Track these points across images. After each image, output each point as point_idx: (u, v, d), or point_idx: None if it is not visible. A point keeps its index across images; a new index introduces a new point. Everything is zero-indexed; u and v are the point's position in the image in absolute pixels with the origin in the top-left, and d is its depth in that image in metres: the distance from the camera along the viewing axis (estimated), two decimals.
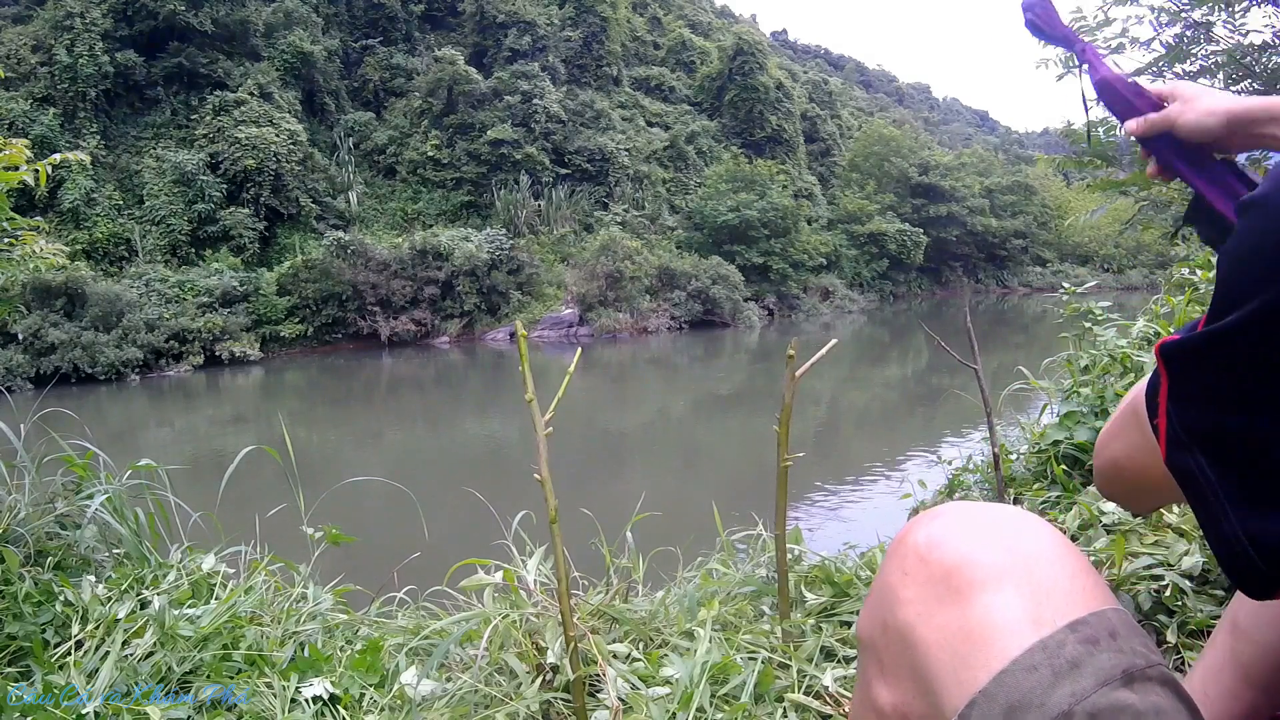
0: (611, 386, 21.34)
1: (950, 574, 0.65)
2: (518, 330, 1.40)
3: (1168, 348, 0.64)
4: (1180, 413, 0.64)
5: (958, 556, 0.66)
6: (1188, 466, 0.64)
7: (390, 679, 1.67)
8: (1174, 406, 0.65)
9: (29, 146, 2.26)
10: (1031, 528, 0.68)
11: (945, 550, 0.67)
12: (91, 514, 2.06)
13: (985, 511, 0.72)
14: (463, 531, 3.07)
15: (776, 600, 1.77)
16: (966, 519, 0.70)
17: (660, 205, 39.09)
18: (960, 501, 0.79)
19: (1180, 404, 0.64)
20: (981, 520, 0.70)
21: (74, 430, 2.43)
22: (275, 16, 34.86)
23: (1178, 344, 0.63)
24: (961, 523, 0.70)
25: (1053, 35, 1.14)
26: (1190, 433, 0.63)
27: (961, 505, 0.74)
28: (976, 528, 0.69)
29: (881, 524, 2.82)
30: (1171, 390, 0.65)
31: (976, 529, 0.69)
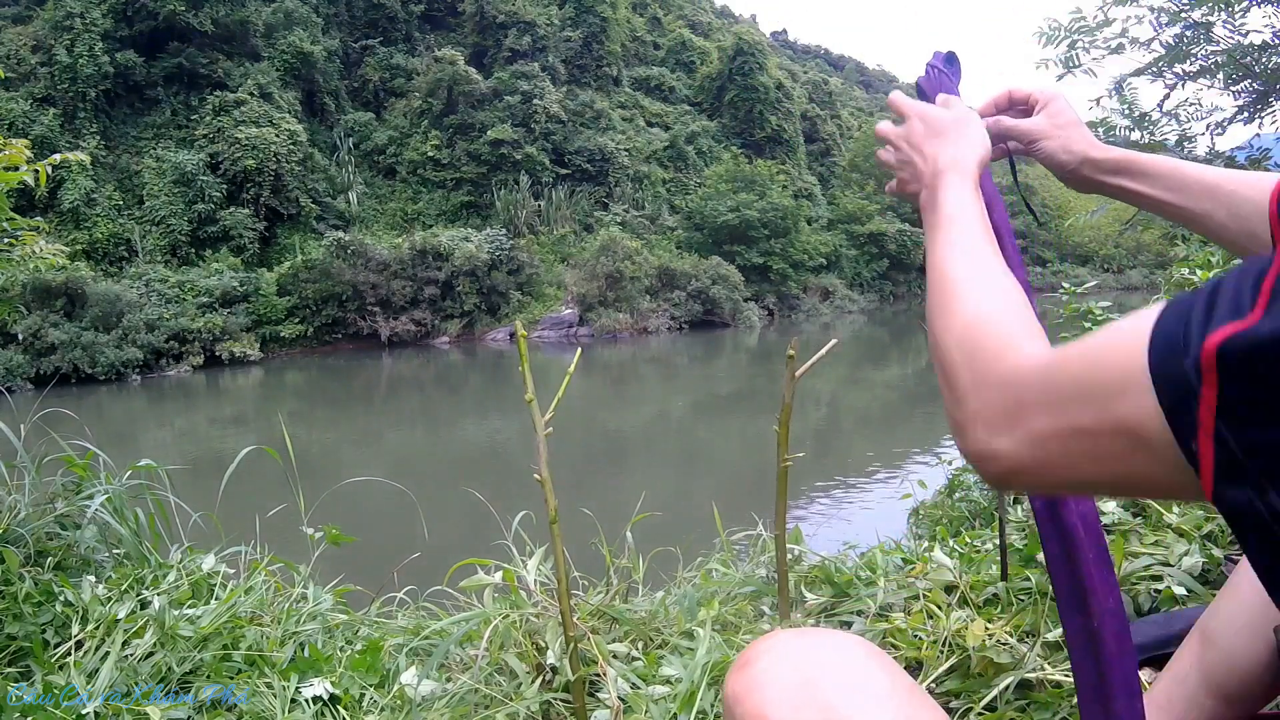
0: (611, 387, 21.34)
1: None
2: (518, 330, 1.40)
3: (1233, 346, 0.47)
4: (1240, 432, 0.48)
5: (754, 717, 0.64)
6: (1250, 505, 0.49)
7: (390, 679, 1.67)
8: (1228, 424, 0.48)
9: (29, 147, 2.26)
10: (851, 672, 0.65)
11: (745, 709, 0.65)
12: (91, 514, 2.06)
13: (801, 653, 0.67)
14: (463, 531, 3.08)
15: (776, 600, 1.77)
16: (775, 669, 0.66)
17: (660, 205, 39.09)
18: (784, 635, 0.72)
19: (1239, 420, 0.48)
20: (792, 668, 0.66)
21: (74, 430, 2.43)
22: (275, 16, 34.86)
23: (1246, 339, 0.47)
24: (769, 674, 0.66)
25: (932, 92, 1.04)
26: (1258, 457, 0.47)
27: (778, 646, 0.69)
28: (782, 680, 0.65)
29: (881, 524, 2.82)
30: (1224, 403, 0.48)
31: (781, 682, 0.65)
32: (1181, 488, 0.52)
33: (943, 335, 0.72)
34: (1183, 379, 0.49)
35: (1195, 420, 0.49)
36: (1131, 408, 0.52)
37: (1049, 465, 0.59)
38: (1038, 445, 0.59)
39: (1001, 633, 1.50)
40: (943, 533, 2.26)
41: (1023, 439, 0.60)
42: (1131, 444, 0.53)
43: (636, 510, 2.25)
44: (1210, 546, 1.71)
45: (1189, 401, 0.49)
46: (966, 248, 0.79)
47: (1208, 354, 0.48)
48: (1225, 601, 1.05)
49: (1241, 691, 1.00)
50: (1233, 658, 1.00)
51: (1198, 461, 0.49)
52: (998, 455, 0.61)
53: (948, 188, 0.85)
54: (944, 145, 0.89)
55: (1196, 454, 0.49)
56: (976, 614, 1.61)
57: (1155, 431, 0.51)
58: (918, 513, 3.42)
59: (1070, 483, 0.62)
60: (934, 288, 0.77)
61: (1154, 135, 4.41)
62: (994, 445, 0.61)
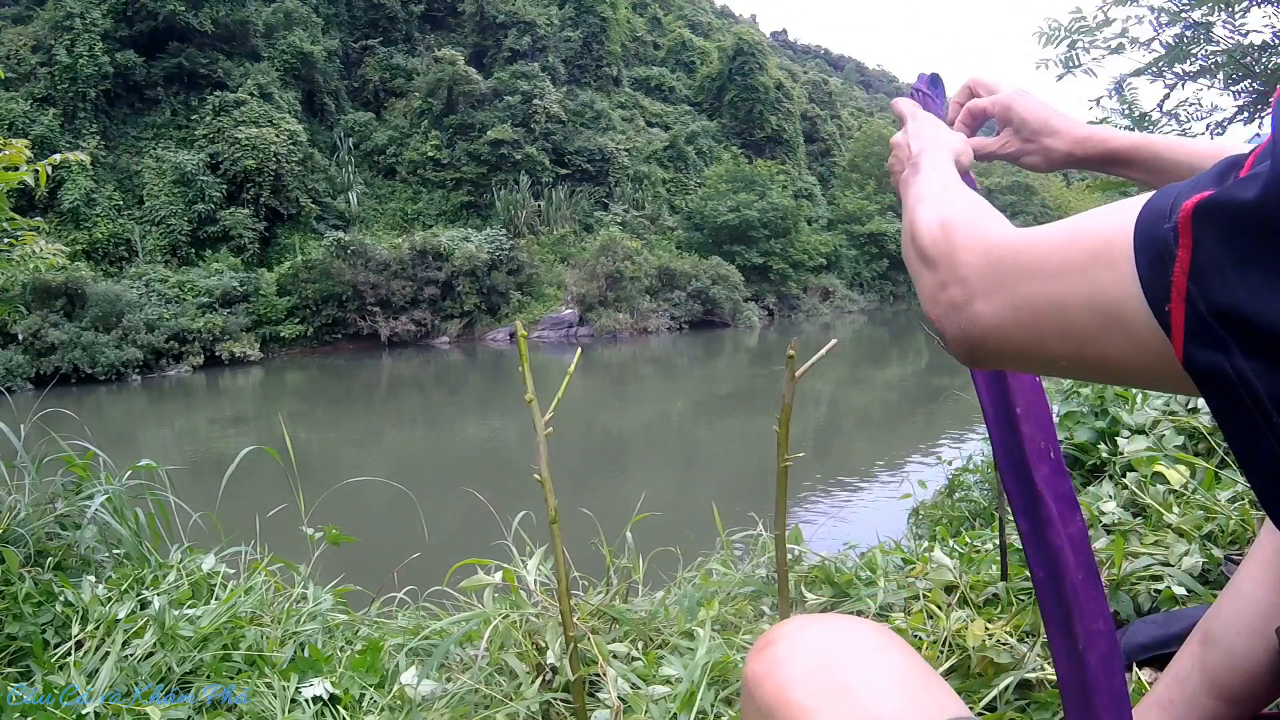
0: (611, 387, 21.34)
1: (771, 714, 0.64)
2: (518, 330, 1.40)
3: (1206, 207, 0.48)
4: (1208, 293, 0.48)
5: (775, 697, 0.64)
6: (1216, 367, 0.49)
7: (390, 679, 1.67)
8: (1198, 285, 0.48)
9: (29, 147, 2.27)
10: (867, 655, 0.65)
11: (765, 689, 0.65)
12: (91, 514, 2.06)
13: (819, 638, 0.68)
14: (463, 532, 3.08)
15: (776, 600, 1.77)
16: (795, 651, 0.67)
17: (660, 205, 39.09)
18: (802, 620, 0.72)
19: (1208, 281, 0.48)
20: (810, 650, 0.66)
21: (74, 431, 2.43)
22: (275, 17, 34.86)
23: (1221, 198, 0.47)
24: (789, 656, 0.66)
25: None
26: (1225, 320, 0.48)
27: (797, 630, 0.70)
28: (801, 663, 0.65)
29: (881, 524, 2.82)
30: (1196, 262, 0.48)
31: (801, 664, 0.65)
32: (1154, 366, 0.53)
33: (927, 227, 0.73)
34: (1162, 242, 0.50)
35: (1169, 282, 0.49)
36: (1111, 277, 0.53)
37: (1021, 333, 0.60)
38: (1014, 309, 0.60)
39: (1001, 633, 1.50)
40: (943, 533, 2.26)
41: (1002, 302, 0.61)
42: (1107, 320, 0.53)
43: (636, 510, 2.25)
44: (1210, 546, 1.71)
45: (1165, 264, 0.50)
46: (947, 181, 0.82)
47: (1185, 213, 0.49)
48: (1227, 602, 1.05)
49: (1243, 692, 1.00)
50: (1234, 658, 1.00)
51: (1169, 324, 0.50)
52: (976, 317, 0.63)
53: (930, 154, 0.89)
54: (928, 136, 0.94)
55: (1169, 316, 0.50)
56: (976, 614, 1.61)
57: (1131, 303, 0.52)
58: (918, 513, 3.41)
59: (1040, 356, 0.61)
60: (913, 209, 0.78)
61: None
62: (974, 306, 0.63)
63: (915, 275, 0.74)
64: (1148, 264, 0.51)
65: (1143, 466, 2.08)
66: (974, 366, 0.70)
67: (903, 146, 0.97)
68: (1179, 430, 2.26)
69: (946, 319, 0.66)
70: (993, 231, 0.65)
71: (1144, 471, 2.07)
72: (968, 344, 0.65)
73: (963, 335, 0.65)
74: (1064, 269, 0.56)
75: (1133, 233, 0.52)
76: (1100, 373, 0.59)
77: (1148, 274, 0.51)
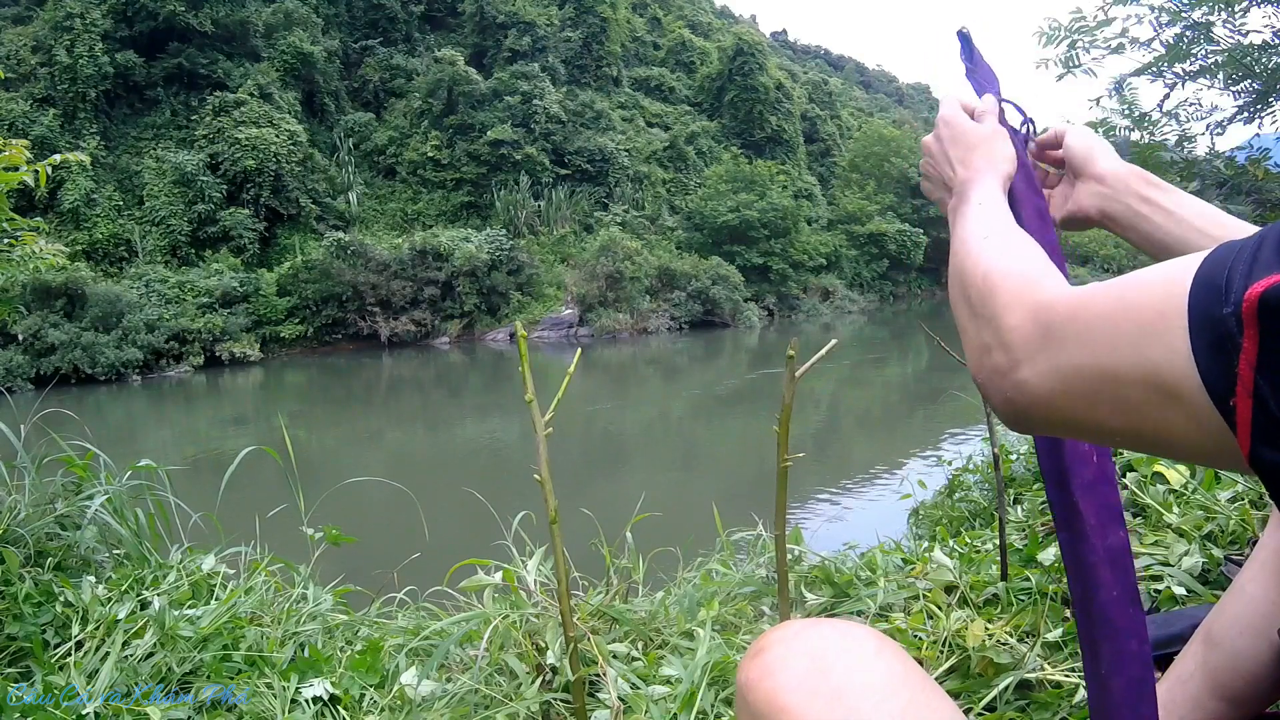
0: (611, 387, 21.34)
1: (764, 719, 0.64)
2: (518, 331, 1.40)
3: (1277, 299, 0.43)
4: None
5: (768, 703, 0.64)
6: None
7: (390, 679, 1.67)
8: (1270, 382, 0.44)
9: (29, 147, 2.26)
10: (861, 660, 0.64)
11: (758, 694, 0.65)
12: (91, 514, 2.06)
13: (813, 643, 0.67)
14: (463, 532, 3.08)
15: (776, 601, 1.77)
16: (788, 656, 0.66)
17: (660, 206, 39.09)
18: (795, 625, 0.71)
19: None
20: (804, 655, 0.66)
21: (74, 431, 2.43)
22: (275, 17, 34.87)
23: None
24: (782, 661, 0.66)
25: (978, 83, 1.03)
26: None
27: (791, 635, 0.69)
28: (795, 668, 0.65)
29: (881, 524, 2.82)
30: (1265, 357, 0.44)
31: (794, 669, 0.65)
32: (1214, 448, 0.48)
33: (970, 279, 0.70)
34: (1222, 327, 0.45)
35: (1234, 374, 0.45)
36: (1165, 354, 0.48)
37: (1070, 403, 0.56)
38: (1062, 379, 0.56)
39: (1001, 633, 1.50)
40: (943, 533, 2.26)
41: (1048, 370, 0.57)
42: (1161, 396, 0.49)
43: (636, 510, 2.25)
44: (1210, 546, 1.71)
45: (1228, 353, 0.45)
46: (994, 224, 0.79)
47: (1249, 303, 0.44)
48: (1230, 603, 1.05)
49: (1246, 693, 1.00)
50: (1237, 659, 1.00)
51: (1234, 419, 0.45)
52: (1021, 384, 0.60)
53: (978, 187, 0.87)
54: (974, 158, 0.91)
55: (1233, 411, 0.45)
56: (976, 614, 1.61)
57: (1189, 383, 0.47)
58: (918, 513, 3.41)
59: (1090, 427, 0.57)
60: (959, 255, 0.77)
61: (1154, 135, 4.41)
62: (1020, 373, 0.60)
63: (961, 326, 0.71)
64: (1206, 346, 0.46)
65: (1143, 466, 2.08)
66: (1021, 431, 0.66)
67: (940, 159, 0.95)
68: None
69: (991, 384, 0.63)
70: (1042, 290, 0.62)
71: (1144, 471, 2.07)
72: (1013, 411, 0.62)
73: (1008, 403, 0.62)
74: (1115, 340, 0.52)
75: (1187, 308, 0.48)
76: (1161, 449, 0.55)
77: (1206, 359, 0.46)
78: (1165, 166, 4.22)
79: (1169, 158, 4.24)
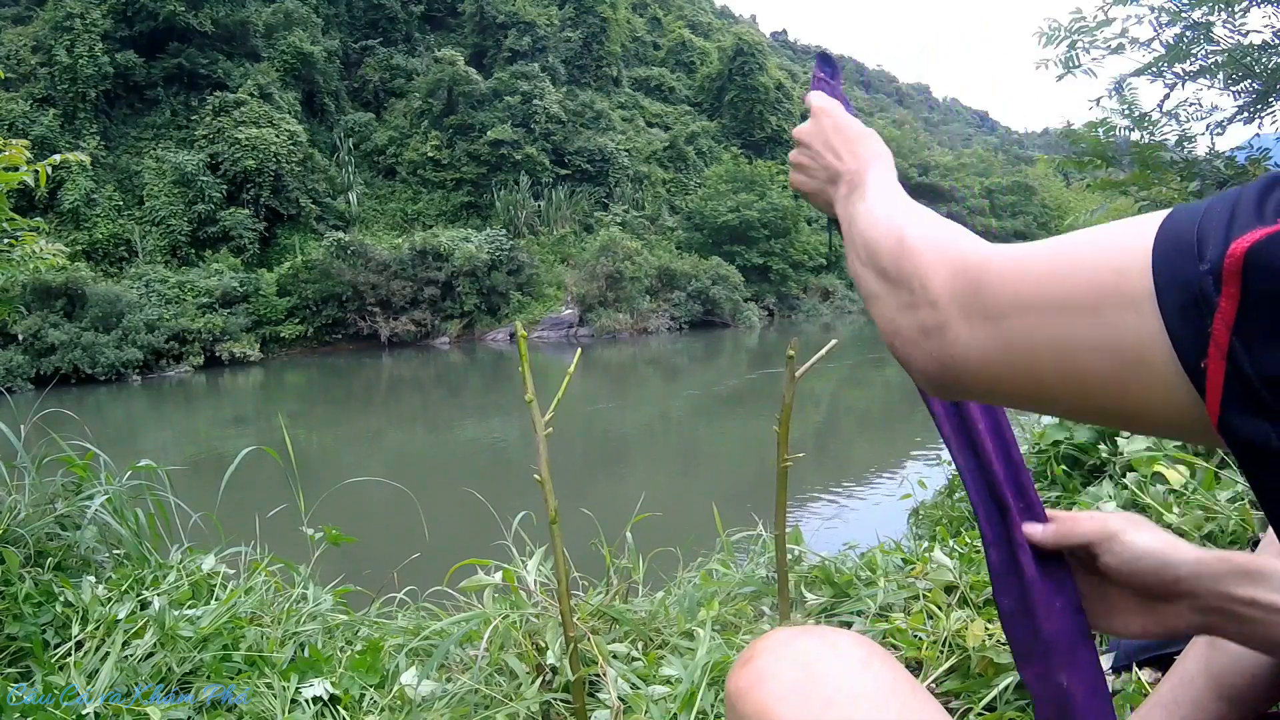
0: (611, 387, 21.34)
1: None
2: (518, 331, 1.40)
3: (1269, 251, 0.40)
4: (1260, 353, 0.41)
5: (758, 712, 0.64)
6: (1262, 438, 0.42)
7: (390, 679, 1.67)
8: (1245, 343, 0.41)
9: (29, 147, 2.27)
10: (851, 669, 0.64)
11: (747, 704, 0.65)
12: (91, 515, 2.06)
13: (802, 652, 0.67)
14: (463, 532, 3.08)
15: (776, 600, 1.77)
16: (778, 665, 0.66)
17: (660, 206, 39.10)
18: (785, 633, 0.70)
19: (1261, 339, 0.41)
20: (793, 664, 0.65)
21: (74, 431, 2.43)
22: (275, 17, 34.88)
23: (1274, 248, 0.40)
24: (772, 670, 0.66)
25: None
26: (1276, 387, 0.41)
27: (780, 643, 0.69)
28: (784, 677, 0.64)
29: (881, 524, 2.81)
30: (1244, 316, 0.41)
31: (784, 679, 0.64)
32: (1177, 417, 0.45)
33: (881, 245, 0.64)
34: (1195, 286, 0.42)
35: (1206, 335, 0.42)
36: (1126, 317, 0.45)
37: (1009, 370, 0.51)
38: (1002, 343, 0.51)
39: (1001, 633, 1.50)
40: (943, 533, 2.26)
41: (985, 334, 0.52)
42: (1120, 362, 0.45)
43: (636, 510, 2.25)
44: (1210, 546, 1.71)
45: (1200, 313, 0.42)
46: (901, 202, 0.72)
47: (1233, 258, 0.41)
48: None
49: (1249, 693, 1.00)
50: (1241, 660, 1.00)
51: (1204, 384, 0.42)
52: (952, 343, 0.54)
53: (873, 172, 0.81)
54: (860, 148, 0.86)
55: (1204, 374, 0.42)
56: (976, 614, 1.61)
57: (1154, 348, 0.44)
58: (918, 513, 3.41)
59: (1030, 394, 0.52)
60: (864, 226, 0.70)
61: (1154, 135, 4.41)
62: (950, 332, 0.54)
63: (872, 296, 0.64)
64: (1175, 307, 0.43)
65: (1143, 466, 2.08)
66: (944, 398, 0.58)
67: (823, 149, 0.87)
68: None
69: (913, 345, 0.57)
70: (968, 248, 0.56)
71: (1144, 471, 2.07)
72: (939, 374, 0.56)
73: (934, 364, 0.56)
74: (1067, 304, 0.47)
75: (1151, 268, 0.44)
76: (1110, 418, 0.51)
77: (1176, 320, 0.43)
78: (1165, 166, 4.22)
79: (1169, 158, 4.24)
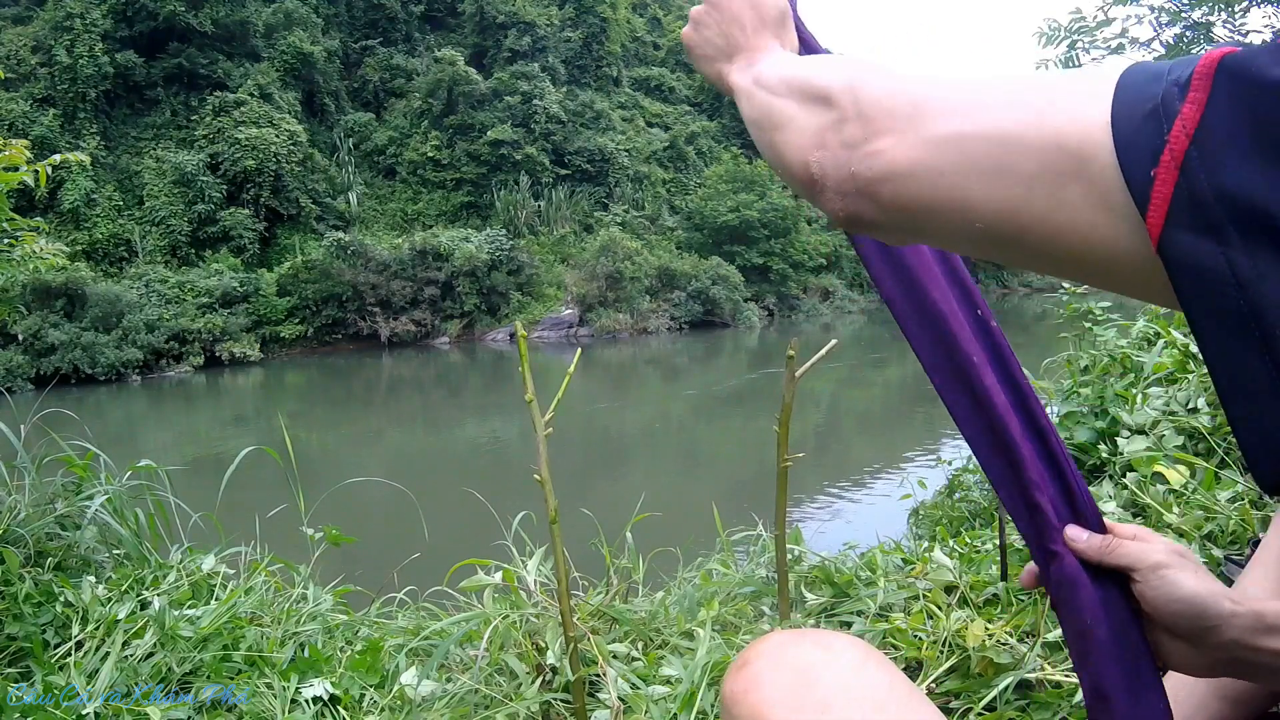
0: (611, 387, 21.34)
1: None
2: (518, 331, 1.40)
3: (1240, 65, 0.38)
4: (1215, 165, 0.38)
5: (753, 716, 0.64)
6: (1204, 258, 0.38)
7: (390, 679, 1.67)
8: (1202, 154, 0.38)
9: (29, 147, 2.27)
10: (846, 673, 0.64)
11: (743, 708, 0.65)
12: (91, 515, 2.06)
13: (798, 655, 0.66)
14: (463, 532, 3.08)
15: (776, 601, 1.77)
16: (773, 669, 0.66)
17: (660, 206, 39.10)
18: (780, 637, 0.69)
19: (1218, 151, 0.38)
20: (789, 668, 0.65)
21: (74, 431, 2.43)
22: (275, 17, 34.88)
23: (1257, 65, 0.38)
24: (768, 674, 0.65)
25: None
26: (1232, 204, 0.37)
27: (775, 647, 0.68)
28: (780, 681, 0.64)
29: (881, 524, 2.82)
30: (1206, 125, 0.38)
31: (779, 683, 0.64)
32: (1104, 242, 0.41)
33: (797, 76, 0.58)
34: (1155, 97, 0.40)
35: (1160, 142, 0.39)
36: (1077, 117, 0.42)
37: (935, 177, 0.46)
38: (934, 147, 0.47)
39: (1001, 633, 1.50)
40: (943, 533, 2.26)
41: (914, 140, 0.48)
42: (1061, 164, 0.42)
43: (636, 510, 2.25)
44: (1210, 546, 1.71)
45: (1157, 121, 0.39)
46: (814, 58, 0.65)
47: (1208, 62, 0.39)
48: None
49: (1251, 693, 1.00)
50: None
51: (1148, 197, 0.39)
52: (875, 154, 0.49)
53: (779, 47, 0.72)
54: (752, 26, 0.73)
55: (1150, 185, 0.39)
56: (976, 614, 1.61)
57: (1101, 150, 0.41)
58: (918, 513, 3.41)
59: (952, 209, 0.47)
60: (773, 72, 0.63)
61: None
62: (876, 143, 0.49)
63: (785, 122, 0.56)
64: (1131, 115, 0.40)
65: (1143, 466, 2.08)
66: (853, 229, 0.54)
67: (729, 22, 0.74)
68: (1179, 430, 2.26)
69: (831, 161, 0.52)
70: (909, 73, 0.52)
71: (1144, 471, 2.07)
72: (854, 191, 0.51)
73: (850, 179, 0.51)
74: (1012, 103, 0.45)
75: (1116, 80, 0.42)
76: (1026, 246, 0.46)
77: (1129, 128, 0.40)
78: None
79: None
